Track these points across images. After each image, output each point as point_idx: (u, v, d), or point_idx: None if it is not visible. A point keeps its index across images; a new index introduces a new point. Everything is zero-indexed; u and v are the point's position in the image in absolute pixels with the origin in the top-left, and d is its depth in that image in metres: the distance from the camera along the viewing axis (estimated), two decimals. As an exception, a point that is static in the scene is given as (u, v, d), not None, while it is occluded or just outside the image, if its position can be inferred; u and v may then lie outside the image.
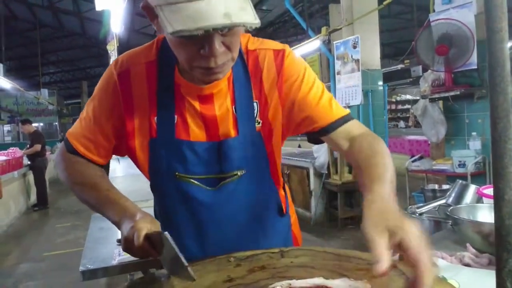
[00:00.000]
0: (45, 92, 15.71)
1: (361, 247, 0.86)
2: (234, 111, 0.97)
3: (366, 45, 5.28)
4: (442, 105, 4.38)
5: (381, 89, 5.52)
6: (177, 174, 0.97)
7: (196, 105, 0.96)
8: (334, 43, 5.50)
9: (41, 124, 17.75)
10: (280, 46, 1.00)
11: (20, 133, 16.61)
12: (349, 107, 5.23)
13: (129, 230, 0.83)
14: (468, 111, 4.14)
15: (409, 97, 17.56)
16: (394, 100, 17.56)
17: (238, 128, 0.96)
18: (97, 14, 7.37)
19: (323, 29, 5.71)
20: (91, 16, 13.31)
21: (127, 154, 1.05)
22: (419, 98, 4.74)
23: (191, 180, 0.98)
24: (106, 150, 1.03)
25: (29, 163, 7.69)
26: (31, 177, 7.92)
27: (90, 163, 1.03)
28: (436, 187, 3.22)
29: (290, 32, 13.03)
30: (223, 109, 0.96)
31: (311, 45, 6.10)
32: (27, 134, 7.89)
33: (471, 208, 1.38)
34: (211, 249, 1.02)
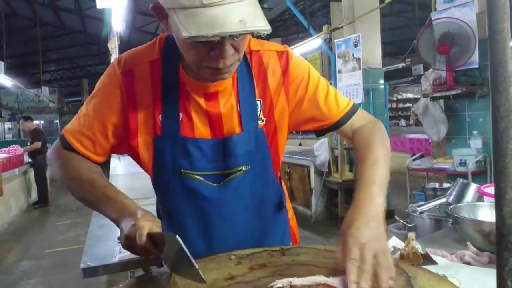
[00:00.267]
0: (46, 89, 15.70)
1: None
2: (238, 108, 0.99)
3: (367, 44, 5.27)
4: (443, 104, 4.37)
5: (382, 87, 5.51)
6: (182, 171, 0.98)
7: (201, 102, 0.97)
8: (335, 41, 5.49)
9: (42, 121, 17.75)
10: (281, 47, 1.04)
11: (20, 130, 16.62)
12: (350, 105, 5.22)
13: (130, 228, 0.82)
14: (469, 110, 4.14)
15: (410, 95, 17.55)
16: (395, 98, 17.55)
17: (242, 125, 0.98)
18: (98, 12, 7.37)
19: (324, 28, 5.70)
20: (92, 14, 13.30)
21: (129, 152, 1.04)
22: (420, 96, 4.73)
23: (196, 176, 0.98)
24: (103, 148, 1.02)
25: (30, 160, 7.70)
26: (31, 174, 7.93)
27: (86, 160, 1.02)
28: (436, 185, 3.23)
29: (291, 30, 13.01)
30: (228, 107, 0.98)
31: (312, 44, 6.10)
32: (28, 131, 7.88)
33: (471, 206, 1.38)
34: (217, 244, 1.03)
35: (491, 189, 1.46)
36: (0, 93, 16.58)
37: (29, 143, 7.65)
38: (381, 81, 5.51)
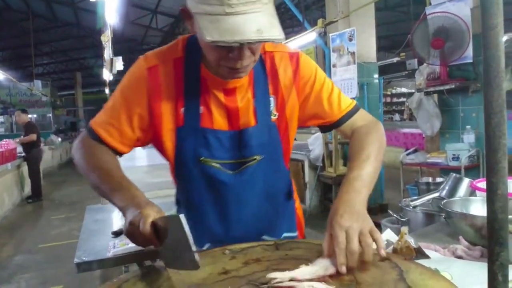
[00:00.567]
0: (38, 83, 15.56)
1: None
2: (254, 103, 1.08)
3: (362, 38, 5.26)
4: (437, 99, 4.39)
5: (377, 82, 5.52)
6: (202, 159, 1.06)
7: (220, 97, 1.06)
8: (330, 35, 5.48)
9: (35, 115, 17.58)
10: (293, 50, 1.15)
11: (13, 124, 16.46)
12: (344, 100, 5.22)
13: (136, 215, 0.85)
14: (462, 105, 4.16)
15: (404, 90, 17.60)
16: (389, 93, 17.59)
17: (257, 118, 1.08)
18: (92, 4, 7.28)
19: (319, 21, 5.67)
20: (85, 6, 13.15)
21: (153, 143, 1.12)
22: (414, 91, 4.75)
23: (214, 164, 1.07)
24: (129, 139, 1.08)
25: (23, 154, 7.64)
26: (24, 169, 7.87)
27: (109, 151, 1.07)
28: (430, 180, 3.25)
29: (286, 24, 12.96)
30: (245, 102, 1.07)
31: (307, 37, 6.07)
32: (21, 124, 7.81)
33: (464, 201, 1.40)
34: (232, 227, 1.12)
35: (483, 184, 1.47)
36: (-8, 86, 16.41)
37: (22, 136, 7.59)
38: (376, 76, 5.51)
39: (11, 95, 17.21)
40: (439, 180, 3.08)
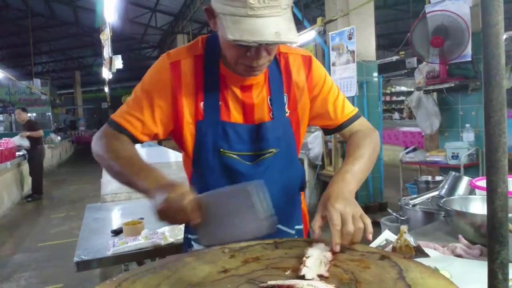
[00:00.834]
0: (37, 82, 15.49)
1: (355, 238, 0.88)
2: (268, 100, 1.15)
3: (361, 36, 5.26)
4: (436, 97, 4.39)
5: (376, 80, 5.51)
6: (221, 150, 1.12)
7: (237, 92, 1.13)
8: (329, 34, 5.48)
9: (34, 114, 17.56)
10: (306, 52, 1.23)
11: (12, 123, 16.44)
12: (344, 98, 5.21)
13: (175, 191, 0.89)
14: (462, 103, 4.16)
15: (403, 88, 17.60)
16: (388, 91, 17.59)
17: (273, 114, 1.15)
18: (91, 2, 7.27)
19: (319, 20, 5.67)
20: (84, 4, 13.13)
21: (172, 135, 1.17)
22: (413, 89, 4.75)
23: (233, 155, 1.13)
24: (149, 129, 1.12)
25: (22, 153, 7.62)
26: (24, 167, 7.87)
27: (129, 141, 1.11)
28: (429, 178, 3.25)
29: (285, 22, 12.93)
30: (260, 98, 1.15)
31: (306, 36, 6.07)
32: (21, 122, 7.79)
33: (463, 199, 1.40)
34: None
35: (483, 182, 1.47)
36: (-9, 85, 16.38)
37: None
38: (375, 74, 5.51)
39: (10, 93, 17.20)
40: (438, 178, 3.08)
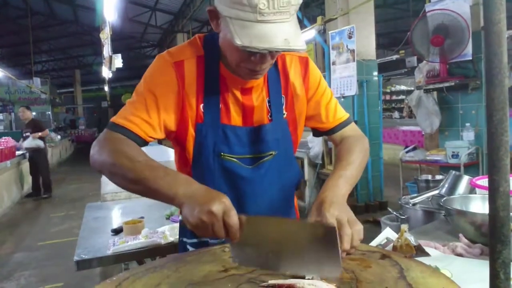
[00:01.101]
0: (37, 80, 15.48)
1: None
2: (267, 102, 1.15)
3: (361, 35, 5.26)
4: (436, 96, 4.39)
5: (376, 79, 5.51)
6: (222, 154, 1.11)
7: (238, 95, 1.11)
8: (329, 33, 5.47)
9: (34, 113, 17.47)
10: (302, 54, 1.20)
11: (12, 122, 16.42)
12: (343, 97, 5.22)
13: (219, 203, 0.81)
14: (462, 102, 4.16)
15: (403, 87, 17.58)
16: (388, 90, 17.57)
17: (272, 116, 1.15)
18: (90, 1, 7.27)
19: (319, 19, 5.66)
20: (84, 3, 13.11)
21: (173, 136, 1.13)
22: (413, 88, 4.74)
23: (233, 159, 1.12)
24: (155, 132, 1.06)
25: (22, 152, 7.62)
26: (24, 166, 7.87)
27: (136, 144, 1.02)
28: (429, 177, 3.24)
29: (285, 21, 12.91)
30: (259, 100, 1.14)
31: (306, 35, 6.06)
32: (24, 120, 7.73)
33: (464, 198, 1.39)
34: None
35: (483, 181, 1.47)
36: (-9, 84, 16.36)
37: (28, 133, 7.52)
38: (375, 73, 5.50)
39: (10, 92, 17.17)
40: (438, 177, 3.07)
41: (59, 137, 13.80)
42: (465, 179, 1.77)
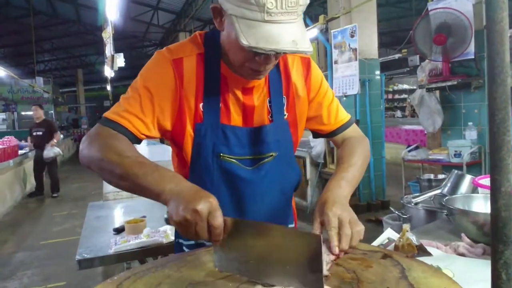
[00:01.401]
0: (40, 80, 15.54)
1: (357, 237, 0.88)
2: (268, 102, 1.13)
3: (363, 34, 5.25)
4: (439, 95, 4.38)
5: (378, 78, 5.50)
6: (221, 155, 1.08)
7: (239, 95, 1.09)
8: (331, 31, 5.46)
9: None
10: (304, 54, 1.17)
11: (15, 121, 16.46)
12: (346, 96, 5.22)
13: (204, 203, 0.77)
14: (464, 101, 4.14)
15: (406, 86, 17.53)
16: (391, 89, 17.52)
17: (272, 117, 1.13)
18: (92, 1, 7.27)
19: (321, 18, 5.65)
20: (86, 3, 13.12)
21: (170, 136, 1.10)
22: (416, 87, 4.73)
23: (233, 160, 1.10)
24: (149, 130, 1.03)
25: (25, 151, 7.64)
26: (26, 166, 7.89)
27: (128, 140, 0.99)
28: (431, 176, 3.23)
29: (287, 20, 12.90)
30: (260, 101, 1.12)
31: (309, 34, 6.06)
32: (36, 119, 7.61)
33: (466, 198, 1.39)
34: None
35: (485, 181, 1.47)
36: (-7, 83, 16.41)
37: (40, 133, 7.51)
38: (377, 72, 5.49)
39: (12, 92, 17.22)
40: (440, 177, 3.07)
41: (61, 136, 13.83)
42: (468, 178, 1.77)
